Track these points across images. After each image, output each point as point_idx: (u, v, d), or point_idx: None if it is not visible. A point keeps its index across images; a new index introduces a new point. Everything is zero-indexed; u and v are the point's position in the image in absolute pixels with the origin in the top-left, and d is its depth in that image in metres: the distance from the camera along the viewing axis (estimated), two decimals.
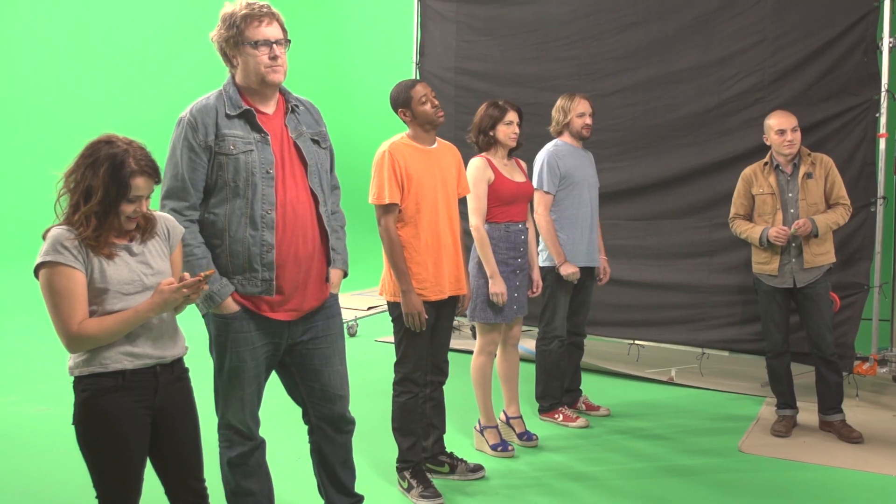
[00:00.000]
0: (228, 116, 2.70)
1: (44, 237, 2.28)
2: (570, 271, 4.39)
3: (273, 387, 2.96)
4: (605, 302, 5.59)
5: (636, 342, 5.77)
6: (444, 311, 3.66)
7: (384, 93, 3.77)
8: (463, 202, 3.81)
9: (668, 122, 5.48)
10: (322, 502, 3.09)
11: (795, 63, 5.04)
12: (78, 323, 2.24)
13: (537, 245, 4.40)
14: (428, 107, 3.51)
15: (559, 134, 4.62)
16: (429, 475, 3.68)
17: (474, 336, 5.72)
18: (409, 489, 3.59)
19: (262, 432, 2.93)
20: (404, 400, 3.60)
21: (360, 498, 3.12)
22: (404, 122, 3.59)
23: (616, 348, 6.04)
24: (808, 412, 4.54)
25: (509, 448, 4.12)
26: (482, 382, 4.13)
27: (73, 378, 2.34)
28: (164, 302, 2.29)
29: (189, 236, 2.65)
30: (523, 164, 4.25)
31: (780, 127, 4.23)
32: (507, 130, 4.05)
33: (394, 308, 3.55)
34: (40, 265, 2.25)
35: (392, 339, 3.66)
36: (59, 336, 2.27)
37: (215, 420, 2.87)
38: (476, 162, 4.03)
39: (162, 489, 2.52)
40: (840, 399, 4.34)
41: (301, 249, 2.77)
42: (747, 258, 4.55)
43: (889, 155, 4.86)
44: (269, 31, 2.70)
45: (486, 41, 6.20)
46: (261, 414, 2.90)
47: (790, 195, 4.26)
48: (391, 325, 3.61)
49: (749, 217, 4.41)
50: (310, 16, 11.50)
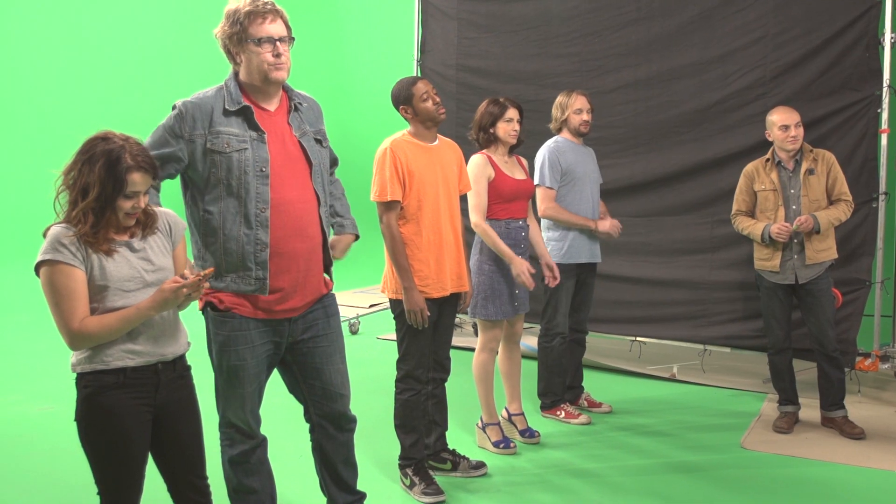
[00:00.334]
0: (226, 113, 2.68)
1: (44, 235, 2.28)
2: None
3: (274, 385, 2.96)
4: (607, 299, 5.59)
5: (638, 339, 5.78)
6: (446, 308, 3.66)
7: (385, 90, 3.77)
8: (464, 199, 3.81)
9: (670, 118, 5.47)
10: (324, 500, 3.09)
11: (797, 59, 5.03)
12: (79, 321, 2.24)
13: (542, 240, 4.39)
14: (429, 104, 3.51)
15: (559, 131, 4.62)
16: (431, 472, 3.68)
17: (476, 333, 5.72)
18: (411, 486, 3.59)
19: (263, 430, 2.92)
20: (406, 397, 3.60)
21: (363, 495, 3.12)
22: (406, 120, 3.58)
23: (618, 345, 6.04)
24: (809, 408, 4.54)
25: (511, 445, 4.12)
26: (484, 379, 4.13)
27: (76, 375, 2.34)
28: (164, 300, 2.30)
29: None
30: (524, 161, 4.25)
31: (783, 122, 4.22)
32: (507, 127, 4.04)
33: (396, 305, 3.55)
34: (40, 263, 2.25)
35: (394, 336, 3.66)
36: (61, 334, 2.28)
37: (217, 417, 2.86)
38: (476, 159, 4.02)
39: (164, 486, 2.53)
40: (842, 395, 4.34)
41: (299, 249, 2.75)
42: (749, 254, 4.55)
43: (891, 150, 4.85)
44: (273, 28, 2.67)
45: (487, 38, 6.19)
46: (262, 412, 2.89)
47: (792, 191, 4.26)
48: (393, 322, 3.62)
49: (751, 213, 4.40)
50: (311, 13, 11.50)
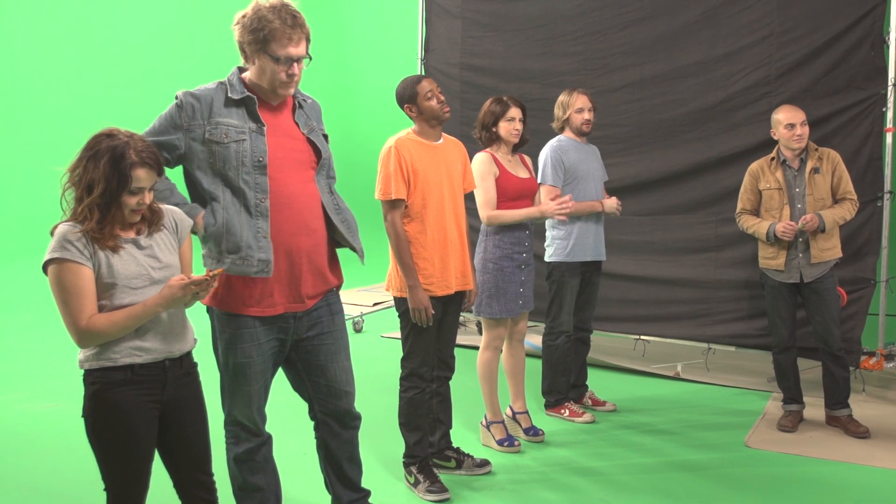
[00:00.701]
0: (227, 103, 2.68)
1: (52, 234, 2.29)
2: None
3: (279, 383, 2.97)
4: (612, 297, 5.59)
5: (642, 337, 5.78)
6: (450, 307, 3.67)
7: (390, 89, 3.77)
8: (468, 198, 3.81)
9: (675, 117, 5.46)
10: (329, 497, 3.10)
11: (802, 57, 5.02)
12: (87, 318, 2.26)
13: (544, 240, 4.40)
14: (434, 102, 3.52)
15: (561, 130, 4.62)
16: (435, 470, 3.68)
17: (480, 331, 5.73)
18: (415, 484, 3.60)
19: (268, 428, 2.93)
20: (411, 395, 3.61)
21: (367, 493, 3.13)
22: (410, 118, 3.59)
23: (622, 343, 6.04)
24: (814, 407, 4.53)
25: (515, 443, 4.12)
26: (488, 377, 4.14)
27: (83, 371, 2.36)
28: (172, 297, 2.31)
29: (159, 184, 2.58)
30: (528, 159, 4.24)
31: (789, 121, 4.21)
32: (509, 127, 4.03)
33: (400, 303, 3.56)
34: (48, 262, 2.27)
35: (398, 334, 3.67)
36: (69, 331, 2.29)
37: (223, 415, 2.87)
38: (481, 157, 4.02)
39: (170, 483, 2.54)
40: (847, 394, 4.33)
41: (303, 242, 2.76)
42: (754, 253, 4.54)
43: None
44: (296, 50, 2.65)
45: (491, 37, 6.18)
46: (267, 410, 2.90)
47: (797, 190, 4.25)
48: (397, 320, 3.62)
49: (756, 212, 4.40)
50: (315, 12, 11.49)
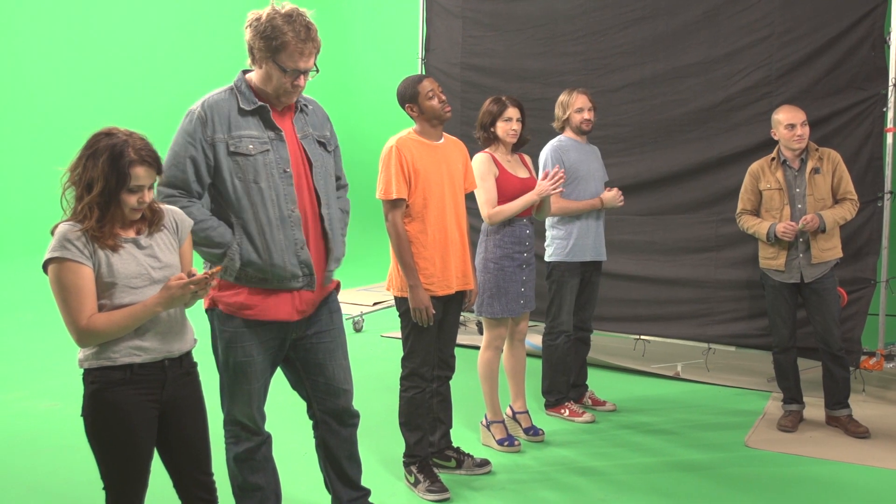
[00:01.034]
0: (242, 112, 2.66)
1: (52, 233, 2.29)
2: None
3: (278, 382, 2.97)
4: (612, 297, 5.59)
5: (642, 337, 5.78)
6: (451, 307, 3.67)
7: (390, 88, 3.77)
8: (469, 198, 3.81)
9: (675, 117, 5.46)
10: (329, 497, 3.11)
11: (803, 58, 5.02)
12: (87, 318, 2.26)
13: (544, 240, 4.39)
14: (435, 102, 3.51)
15: (562, 129, 4.62)
16: (435, 470, 3.68)
17: (480, 331, 5.73)
18: (415, 484, 3.60)
19: (267, 427, 2.94)
20: (411, 395, 3.61)
21: (367, 491, 3.13)
22: (411, 118, 3.59)
23: (622, 343, 6.04)
24: (814, 407, 4.53)
25: (515, 443, 4.12)
26: (489, 377, 4.14)
27: (83, 371, 2.36)
28: (171, 297, 2.31)
29: (198, 213, 2.61)
30: (528, 159, 4.24)
31: (789, 121, 4.21)
32: (506, 127, 4.02)
33: (401, 303, 3.56)
34: (48, 261, 2.27)
35: (398, 334, 3.67)
36: (69, 331, 2.29)
37: (222, 415, 2.87)
38: (480, 157, 4.02)
39: (170, 482, 2.54)
40: (847, 394, 4.33)
41: (313, 253, 2.78)
42: (754, 253, 4.54)
43: None
44: (305, 64, 2.64)
45: (492, 36, 6.18)
46: (266, 409, 2.91)
47: (797, 190, 4.25)
48: (397, 320, 3.63)
49: (756, 212, 4.40)
50: (316, 11, 11.51)
